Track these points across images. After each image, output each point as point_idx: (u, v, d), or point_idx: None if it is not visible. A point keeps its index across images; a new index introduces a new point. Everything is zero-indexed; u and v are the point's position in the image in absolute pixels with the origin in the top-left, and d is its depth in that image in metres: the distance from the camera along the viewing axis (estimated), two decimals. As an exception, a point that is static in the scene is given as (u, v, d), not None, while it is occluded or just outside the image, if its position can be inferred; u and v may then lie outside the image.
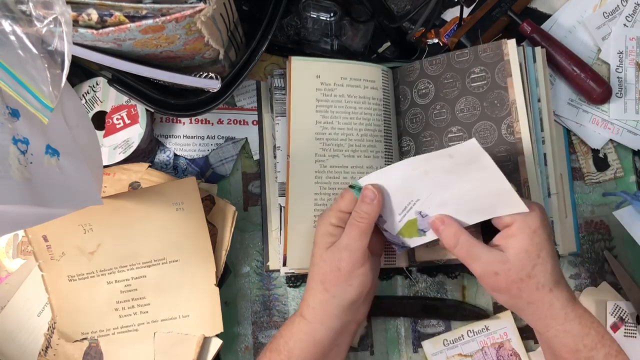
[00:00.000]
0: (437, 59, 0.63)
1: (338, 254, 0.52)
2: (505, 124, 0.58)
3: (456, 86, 0.62)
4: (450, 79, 0.62)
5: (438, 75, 0.63)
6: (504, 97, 0.59)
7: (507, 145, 0.58)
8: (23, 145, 0.41)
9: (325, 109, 0.62)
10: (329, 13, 0.66)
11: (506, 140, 0.58)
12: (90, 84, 0.65)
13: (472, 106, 0.60)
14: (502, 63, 0.59)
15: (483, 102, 0.60)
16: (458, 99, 0.61)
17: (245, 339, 0.65)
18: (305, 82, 0.62)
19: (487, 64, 0.60)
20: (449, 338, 0.64)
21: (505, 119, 0.58)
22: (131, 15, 0.45)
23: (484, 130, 0.59)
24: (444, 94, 0.63)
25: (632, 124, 0.67)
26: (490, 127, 0.59)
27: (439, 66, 0.63)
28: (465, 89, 0.61)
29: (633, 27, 0.68)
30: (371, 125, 0.63)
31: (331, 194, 0.61)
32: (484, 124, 0.60)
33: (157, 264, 0.61)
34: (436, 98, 0.63)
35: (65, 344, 0.61)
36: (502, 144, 0.58)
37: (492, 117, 0.59)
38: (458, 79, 0.62)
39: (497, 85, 0.59)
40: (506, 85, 0.59)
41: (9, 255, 0.65)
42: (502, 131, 0.58)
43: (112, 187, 0.63)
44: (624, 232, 0.62)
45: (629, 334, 0.62)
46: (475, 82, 0.61)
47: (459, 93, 0.62)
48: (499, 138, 0.59)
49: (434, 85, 0.63)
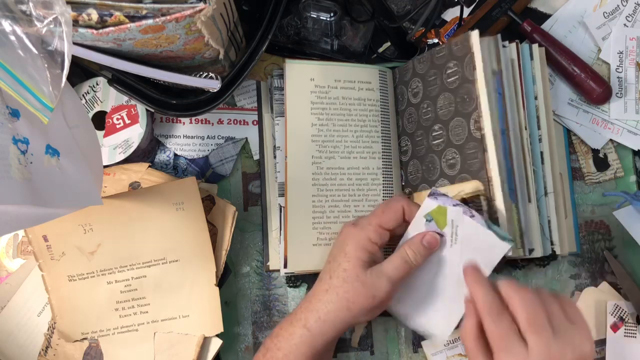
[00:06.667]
0: (423, 56, 0.62)
1: (378, 282, 0.50)
2: (473, 119, 0.55)
3: (437, 83, 0.60)
4: (433, 76, 0.61)
5: (424, 73, 0.62)
6: (472, 91, 0.56)
7: (475, 142, 0.55)
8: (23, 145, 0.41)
9: (321, 111, 0.62)
10: (329, 13, 0.66)
11: (474, 136, 0.55)
12: (90, 84, 0.65)
13: (449, 102, 0.58)
14: (469, 56, 0.56)
15: (456, 97, 0.57)
16: (438, 96, 0.60)
17: (246, 339, 0.65)
18: (300, 84, 0.62)
19: (458, 57, 0.58)
20: (449, 338, 0.64)
21: (473, 114, 0.55)
22: (131, 15, 0.45)
23: (457, 127, 0.57)
24: (428, 91, 0.61)
25: (632, 124, 0.67)
26: (462, 123, 0.56)
27: (425, 64, 0.62)
28: (444, 85, 0.59)
29: (633, 27, 0.68)
30: (367, 126, 0.63)
31: (328, 196, 0.61)
32: (457, 121, 0.57)
33: (157, 264, 0.61)
34: (424, 96, 0.62)
35: (65, 344, 0.61)
36: (471, 140, 0.56)
37: (463, 113, 0.57)
38: (438, 75, 0.60)
39: (466, 79, 0.56)
40: (473, 79, 0.55)
41: (9, 255, 0.65)
42: (471, 127, 0.56)
43: (112, 187, 0.63)
44: (624, 232, 0.62)
45: (629, 334, 0.62)
46: (450, 78, 0.58)
47: (439, 90, 0.60)
48: (469, 134, 0.56)
49: (422, 83, 0.62)
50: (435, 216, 0.54)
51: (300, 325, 0.52)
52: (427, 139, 0.61)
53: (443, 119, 0.59)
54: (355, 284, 0.50)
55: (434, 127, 0.60)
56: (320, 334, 0.51)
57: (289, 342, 0.51)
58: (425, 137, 0.61)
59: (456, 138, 0.57)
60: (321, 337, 0.51)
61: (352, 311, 0.51)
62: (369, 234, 0.52)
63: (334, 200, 0.61)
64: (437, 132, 0.60)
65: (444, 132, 0.59)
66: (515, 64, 0.59)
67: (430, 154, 0.61)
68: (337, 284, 0.51)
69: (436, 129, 0.60)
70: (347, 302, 0.51)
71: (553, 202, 0.59)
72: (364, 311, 0.51)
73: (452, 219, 0.53)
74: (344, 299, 0.51)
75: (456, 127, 0.57)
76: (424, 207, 0.55)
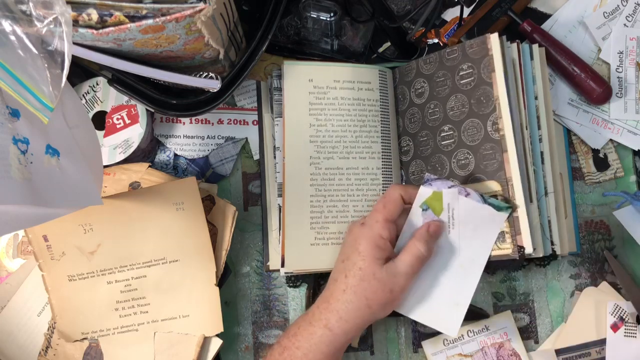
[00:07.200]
0: (430, 57, 0.63)
1: (394, 278, 0.51)
2: (491, 121, 0.57)
3: (447, 84, 0.61)
4: (442, 77, 0.61)
5: (431, 74, 0.62)
6: (489, 93, 0.57)
7: (492, 143, 0.57)
8: (23, 145, 0.41)
9: (319, 111, 0.62)
10: (329, 13, 0.66)
11: (491, 137, 0.57)
12: (90, 84, 0.65)
13: (461, 104, 0.59)
14: (487, 58, 0.57)
15: (470, 99, 0.59)
16: (449, 97, 0.61)
17: (246, 339, 0.65)
18: (298, 85, 0.62)
19: (473, 60, 0.59)
20: (449, 338, 0.64)
21: (491, 116, 0.57)
22: (131, 15, 0.45)
23: (471, 128, 0.58)
24: (436, 92, 0.62)
25: (632, 124, 0.67)
26: (477, 124, 0.58)
27: (432, 65, 0.62)
28: (455, 86, 0.60)
29: (633, 27, 0.68)
30: (366, 126, 0.63)
31: (326, 196, 0.61)
32: (471, 122, 0.58)
33: (157, 264, 0.61)
34: (430, 97, 0.62)
35: (65, 344, 0.61)
36: (488, 142, 0.57)
37: (479, 114, 0.58)
38: (449, 77, 0.61)
39: (483, 81, 0.58)
40: (491, 81, 0.57)
41: (9, 255, 0.65)
42: (488, 128, 0.57)
43: (112, 187, 0.63)
44: (624, 232, 0.62)
45: (629, 334, 0.62)
46: (463, 79, 0.59)
47: (449, 91, 0.61)
48: (485, 135, 0.57)
49: (428, 84, 0.63)
50: (431, 204, 0.54)
51: (321, 326, 0.52)
52: (434, 140, 0.61)
53: (454, 119, 0.60)
54: (372, 282, 0.51)
55: (442, 127, 0.61)
56: (343, 333, 0.52)
57: (309, 342, 0.52)
58: (431, 138, 0.62)
59: (470, 139, 0.58)
60: (344, 337, 0.52)
61: (372, 308, 0.52)
62: (379, 231, 0.52)
63: (332, 200, 0.61)
64: (447, 132, 0.60)
65: (455, 132, 0.60)
66: (517, 64, 0.59)
67: (437, 154, 0.61)
68: (355, 283, 0.52)
69: (445, 129, 0.60)
70: (367, 300, 0.51)
71: (553, 202, 0.59)
72: (382, 307, 0.52)
73: (449, 202, 0.54)
74: (363, 297, 0.51)
75: (470, 128, 0.58)
76: (420, 196, 0.55)
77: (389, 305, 0.53)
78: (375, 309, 0.52)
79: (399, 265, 0.52)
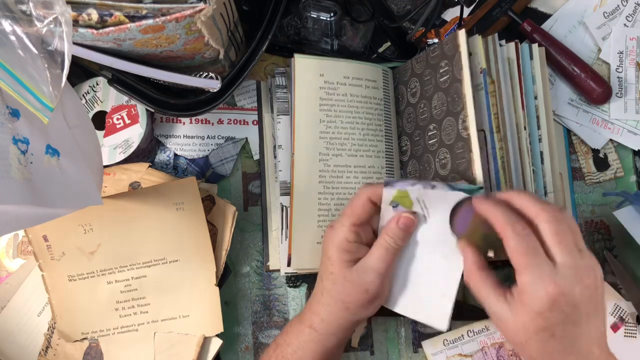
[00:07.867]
0: (420, 56, 0.62)
1: (365, 276, 0.51)
2: (461, 119, 0.55)
3: (432, 82, 0.60)
4: (428, 75, 0.61)
5: (421, 72, 0.62)
6: (460, 90, 0.55)
7: (462, 142, 0.55)
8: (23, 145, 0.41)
9: (329, 107, 0.62)
10: (329, 13, 0.66)
11: (462, 136, 0.55)
12: (90, 84, 0.65)
13: (441, 102, 0.58)
14: (457, 54, 0.56)
15: (447, 97, 0.57)
16: (433, 95, 0.60)
17: (246, 339, 0.65)
18: (309, 80, 0.62)
19: (448, 56, 0.57)
20: (449, 338, 0.64)
21: (460, 114, 0.55)
22: (131, 15, 0.45)
23: (448, 126, 0.57)
24: (424, 91, 0.61)
25: (632, 124, 0.67)
26: (453, 123, 0.56)
27: (422, 63, 0.62)
28: (437, 84, 0.59)
29: (633, 27, 0.68)
30: (372, 124, 0.63)
31: (334, 194, 0.61)
32: (448, 120, 0.57)
33: (157, 264, 0.61)
34: (421, 96, 0.62)
35: (65, 344, 0.61)
36: (459, 140, 0.55)
37: (453, 112, 0.56)
38: (433, 75, 0.60)
39: (455, 78, 0.56)
40: (461, 78, 0.55)
41: (9, 255, 0.65)
42: (459, 126, 0.55)
43: (112, 187, 0.63)
44: (624, 232, 0.62)
45: (629, 334, 0.62)
46: (442, 77, 0.58)
47: (433, 89, 0.60)
48: (457, 134, 0.55)
49: (419, 83, 0.62)
50: (399, 200, 0.53)
51: (307, 325, 0.53)
52: (424, 139, 0.61)
53: (437, 118, 0.59)
54: (345, 284, 0.51)
55: (429, 126, 0.60)
56: (328, 333, 0.52)
57: (298, 340, 0.53)
58: (422, 137, 0.61)
59: (447, 138, 0.57)
60: (331, 337, 0.53)
61: (351, 310, 0.52)
62: (345, 235, 0.52)
63: (339, 199, 0.61)
64: (432, 131, 0.60)
65: (437, 131, 0.59)
66: (514, 64, 0.59)
67: (426, 154, 0.61)
68: (329, 287, 0.52)
69: (431, 128, 0.60)
70: (343, 302, 0.52)
71: (553, 202, 0.59)
72: (361, 307, 0.52)
73: (417, 197, 0.52)
74: (339, 301, 0.52)
75: (448, 127, 0.57)
76: (385, 198, 0.53)
77: (369, 305, 0.52)
78: (354, 310, 0.52)
79: (368, 261, 0.51)
